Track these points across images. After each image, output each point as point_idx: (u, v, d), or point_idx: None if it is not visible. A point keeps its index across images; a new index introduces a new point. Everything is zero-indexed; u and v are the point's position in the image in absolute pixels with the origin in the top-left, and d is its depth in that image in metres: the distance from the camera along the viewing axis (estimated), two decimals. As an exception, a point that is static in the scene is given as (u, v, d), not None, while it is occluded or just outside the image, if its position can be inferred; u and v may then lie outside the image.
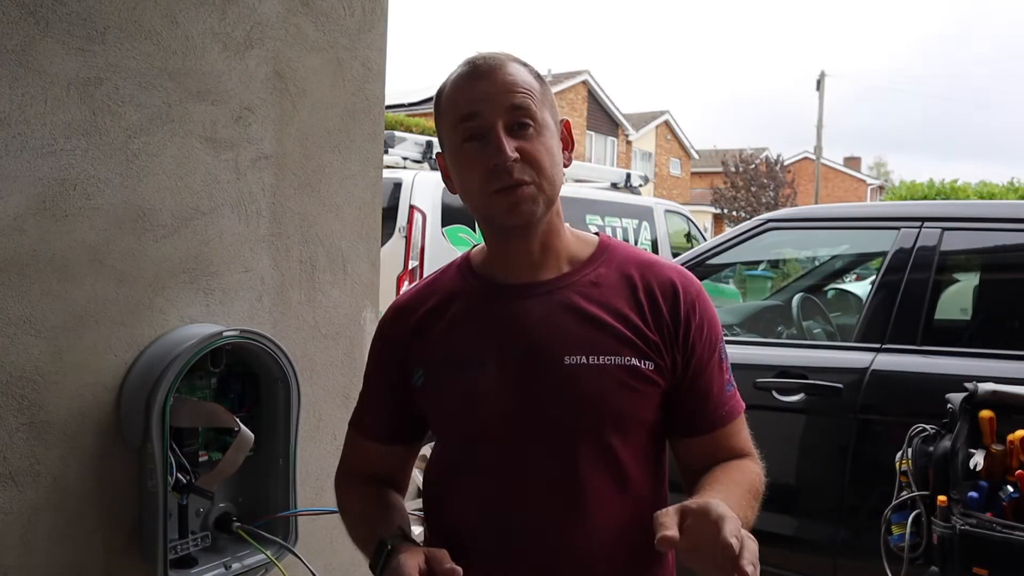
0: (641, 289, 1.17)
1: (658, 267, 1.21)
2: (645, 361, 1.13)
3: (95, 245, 1.44)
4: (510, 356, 1.14)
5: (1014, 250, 2.90)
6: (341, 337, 1.91)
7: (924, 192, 20.34)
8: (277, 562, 1.61)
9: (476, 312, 1.19)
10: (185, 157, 1.57)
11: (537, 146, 1.11)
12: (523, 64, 1.16)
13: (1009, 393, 2.05)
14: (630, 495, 1.15)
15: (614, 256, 1.21)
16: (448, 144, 1.16)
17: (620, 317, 1.15)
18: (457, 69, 1.17)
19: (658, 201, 7.84)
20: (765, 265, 9.77)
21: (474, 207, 1.16)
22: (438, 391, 1.19)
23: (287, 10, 1.74)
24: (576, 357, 1.12)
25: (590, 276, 1.18)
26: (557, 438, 1.13)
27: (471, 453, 1.18)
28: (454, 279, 1.25)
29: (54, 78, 1.37)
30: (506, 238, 1.18)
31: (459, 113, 1.13)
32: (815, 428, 2.75)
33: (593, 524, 1.12)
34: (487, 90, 1.11)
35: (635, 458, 1.16)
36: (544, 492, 1.13)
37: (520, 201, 1.10)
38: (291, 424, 1.66)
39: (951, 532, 1.89)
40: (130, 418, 1.47)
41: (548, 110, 1.16)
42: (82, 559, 1.45)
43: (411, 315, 1.24)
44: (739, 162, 30.26)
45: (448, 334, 1.19)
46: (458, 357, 1.17)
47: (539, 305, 1.16)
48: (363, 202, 1.94)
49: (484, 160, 1.10)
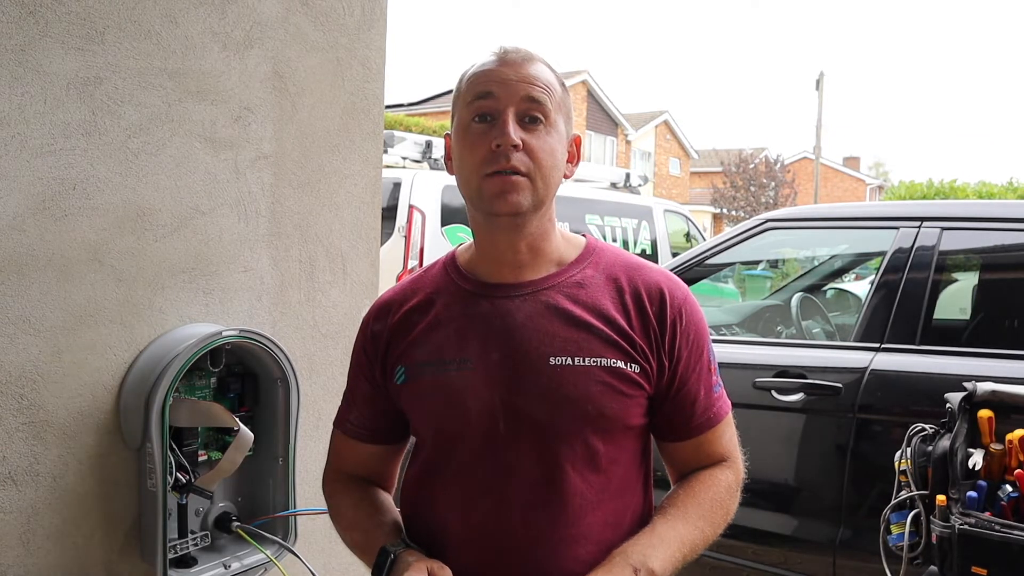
0: (628, 292, 1.17)
1: (645, 271, 1.20)
2: (631, 364, 1.13)
3: (95, 245, 1.44)
4: (494, 355, 1.13)
5: (1013, 250, 2.90)
6: (340, 337, 1.91)
7: (923, 192, 20.35)
8: (277, 562, 1.61)
9: (460, 310, 1.18)
10: (185, 157, 1.57)
11: (542, 143, 1.12)
12: (550, 68, 1.18)
13: (1008, 393, 2.05)
14: (611, 496, 1.15)
15: (601, 258, 1.21)
16: (458, 121, 1.17)
17: (606, 319, 1.14)
18: (486, 54, 1.18)
19: (657, 201, 7.85)
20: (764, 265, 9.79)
21: (466, 188, 1.16)
22: (419, 389, 1.18)
23: (287, 10, 1.74)
24: (561, 358, 1.11)
25: (576, 277, 1.18)
26: (540, 438, 1.12)
27: (453, 453, 1.17)
28: (438, 277, 1.24)
29: (54, 78, 1.37)
30: (491, 229, 1.17)
31: (476, 91, 1.14)
32: (814, 428, 2.75)
33: (576, 526, 1.12)
34: (508, 76, 1.13)
35: (618, 459, 1.15)
36: (527, 492, 1.12)
37: (510, 188, 1.10)
38: (290, 424, 1.66)
39: (950, 532, 1.89)
40: (129, 418, 1.47)
41: (563, 117, 1.17)
42: (82, 559, 1.45)
43: (394, 312, 1.23)
44: (738, 162, 30.27)
45: (431, 332, 1.18)
46: (440, 355, 1.16)
47: (524, 305, 1.15)
48: (362, 202, 1.94)
49: (487, 140, 1.11)
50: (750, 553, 2.78)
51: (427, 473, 1.21)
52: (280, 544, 1.63)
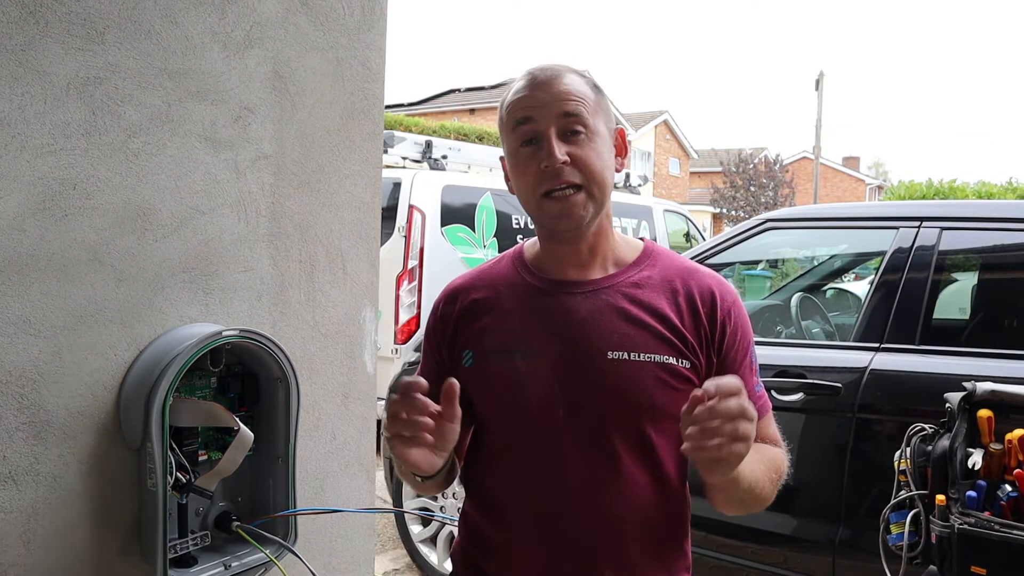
0: (682, 294, 1.26)
1: (699, 274, 1.30)
2: (682, 360, 1.22)
3: (95, 245, 1.44)
4: (556, 346, 1.21)
5: (1012, 249, 2.90)
6: (340, 336, 1.91)
7: (923, 192, 20.32)
8: (277, 561, 1.61)
9: (526, 303, 1.26)
10: (185, 157, 1.57)
11: (587, 151, 1.20)
12: (580, 75, 1.25)
13: (1007, 392, 2.05)
14: (661, 483, 1.23)
15: (657, 261, 1.31)
16: (507, 149, 1.26)
17: (661, 318, 1.23)
18: (518, 79, 1.25)
19: (657, 201, 7.86)
20: (764, 265, 9.79)
21: (527, 209, 1.25)
22: (486, 374, 1.25)
23: (287, 10, 1.74)
24: (619, 353, 1.20)
25: (634, 278, 1.27)
26: (597, 425, 1.20)
27: (514, 435, 1.25)
28: (507, 270, 1.33)
29: (54, 78, 1.37)
30: (556, 241, 1.26)
31: (515, 118, 1.22)
32: (814, 427, 2.75)
33: (628, 507, 1.20)
34: (542, 98, 1.20)
35: (668, 450, 1.23)
36: (583, 474, 1.19)
37: (570, 207, 1.19)
38: (290, 423, 1.66)
39: (949, 531, 1.90)
40: (130, 417, 1.47)
41: (602, 118, 1.24)
42: (82, 559, 1.45)
43: (463, 298, 1.32)
44: (738, 162, 30.27)
45: (498, 320, 1.27)
46: (506, 343, 1.24)
47: (585, 302, 1.24)
48: (362, 202, 1.94)
49: (536, 163, 1.19)
50: (750, 553, 2.78)
51: (490, 454, 1.29)
52: (280, 544, 1.63)
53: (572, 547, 1.20)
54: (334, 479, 1.91)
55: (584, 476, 1.19)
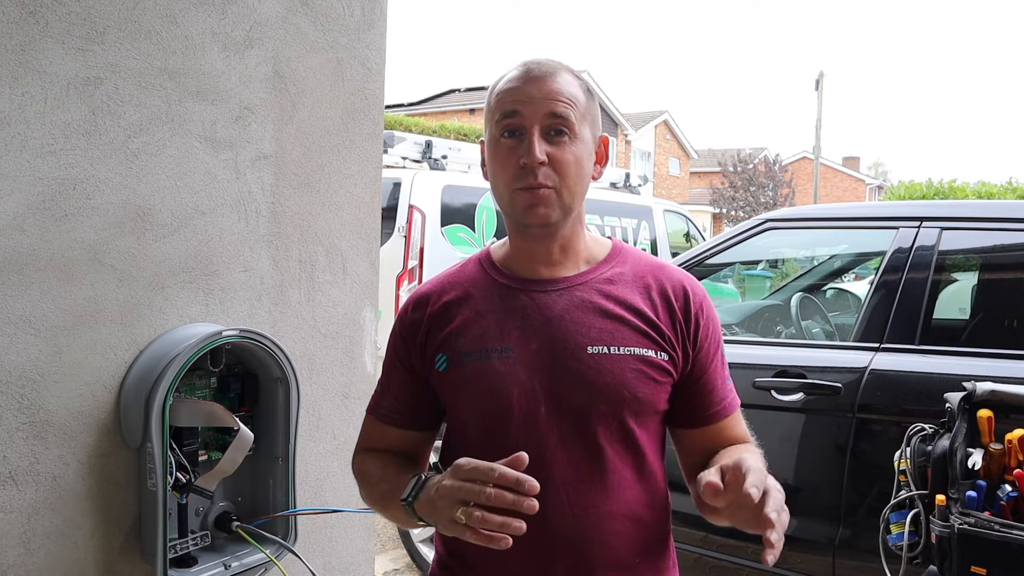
0: (655, 289, 1.26)
1: (669, 270, 1.31)
2: (660, 353, 1.22)
3: (95, 245, 1.44)
4: (534, 344, 1.21)
5: (1012, 249, 2.90)
6: (340, 337, 1.91)
7: (922, 192, 20.33)
8: (277, 561, 1.61)
9: (499, 303, 1.25)
10: (185, 157, 1.57)
11: (567, 155, 1.19)
12: (575, 76, 1.24)
13: (1007, 392, 2.05)
14: (645, 475, 1.23)
15: (628, 258, 1.31)
16: (488, 135, 1.25)
17: (636, 312, 1.23)
18: (512, 69, 1.24)
19: (657, 201, 7.85)
20: (764, 265, 9.80)
21: (499, 199, 1.25)
22: (463, 376, 1.23)
23: (287, 10, 1.74)
24: (598, 347, 1.20)
25: (607, 274, 1.27)
26: (580, 421, 1.19)
27: (496, 436, 1.22)
28: (475, 272, 1.32)
29: (54, 78, 1.37)
30: (525, 236, 1.26)
31: (503, 109, 1.21)
32: (814, 427, 2.75)
33: (615, 501, 1.20)
34: (533, 93, 1.19)
35: (650, 444, 1.24)
36: (569, 470, 1.19)
37: (538, 202, 1.18)
38: (290, 423, 1.66)
39: (949, 531, 1.90)
40: (130, 417, 1.47)
41: (588, 123, 1.23)
42: (82, 559, 1.45)
43: (434, 302, 1.30)
44: (738, 162, 30.28)
45: (472, 322, 1.25)
46: (483, 344, 1.23)
47: (560, 299, 1.24)
48: (362, 202, 1.94)
49: (515, 157, 1.18)
50: (750, 553, 2.78)
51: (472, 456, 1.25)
52: (280, 544, 1.63)
53: (561, 548, 1.18)
54: (334, 479, 1.91)
55: (569, 473, 1.19)
